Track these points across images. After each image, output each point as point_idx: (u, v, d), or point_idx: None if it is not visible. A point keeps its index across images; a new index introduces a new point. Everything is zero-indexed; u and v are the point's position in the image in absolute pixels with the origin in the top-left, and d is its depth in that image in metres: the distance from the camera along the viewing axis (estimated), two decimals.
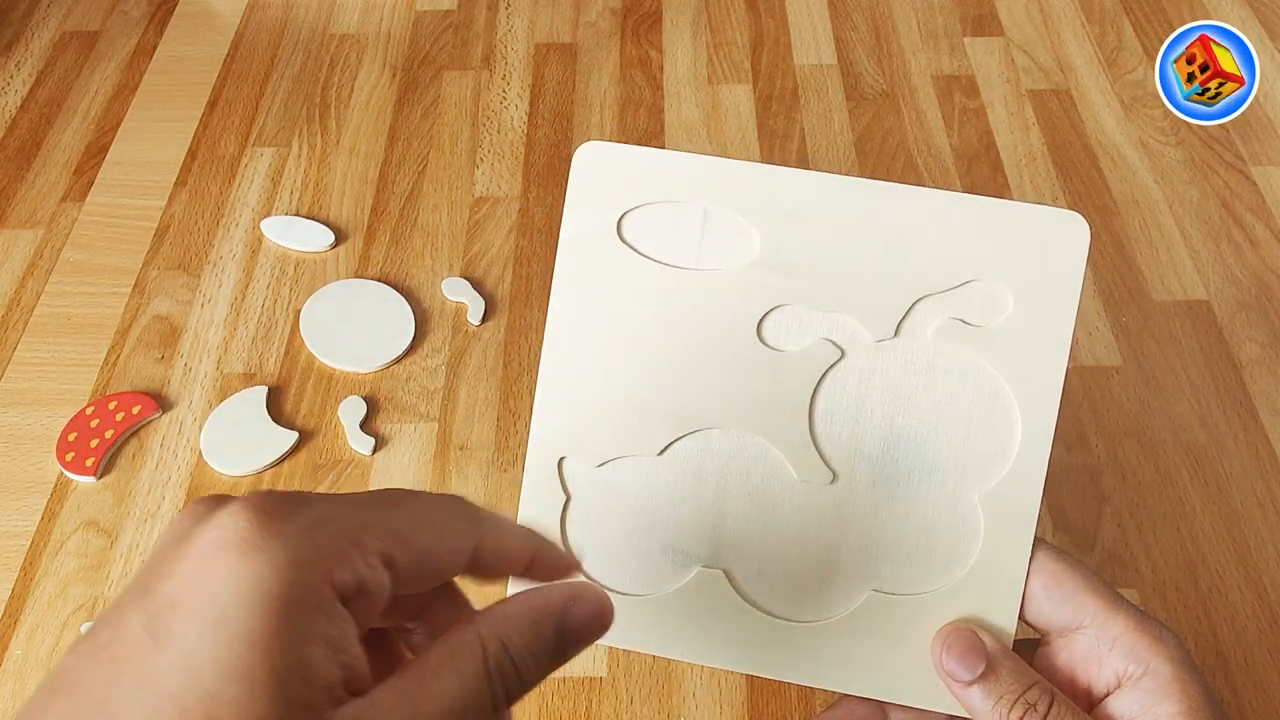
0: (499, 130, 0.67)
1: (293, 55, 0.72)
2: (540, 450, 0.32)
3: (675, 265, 0.32)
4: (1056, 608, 0.30)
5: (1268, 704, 0.43)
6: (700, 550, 0.32)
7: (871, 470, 0.31)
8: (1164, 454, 0.51)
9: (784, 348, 0.31)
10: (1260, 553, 0.47)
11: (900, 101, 0.69)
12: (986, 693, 0.28)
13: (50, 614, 0.45)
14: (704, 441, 0.32)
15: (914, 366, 0.31)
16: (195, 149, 0.66)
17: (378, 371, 0.54)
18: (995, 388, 0.31)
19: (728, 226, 0.31)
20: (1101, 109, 0.68)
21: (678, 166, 0.32)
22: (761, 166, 0.32)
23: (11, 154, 0.66)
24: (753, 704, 0.43)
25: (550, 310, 0.32)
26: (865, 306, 0.31)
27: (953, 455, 0.31)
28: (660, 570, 0.32)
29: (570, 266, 0.32)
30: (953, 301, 0.31)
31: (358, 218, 0.62)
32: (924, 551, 0.31)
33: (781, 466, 0.31)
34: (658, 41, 0.73)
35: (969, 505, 0.31)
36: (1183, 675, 0.28)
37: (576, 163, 0.32)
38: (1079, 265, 0.30)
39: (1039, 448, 0.31)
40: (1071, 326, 0.30)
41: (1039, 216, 0.30)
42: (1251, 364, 0.54)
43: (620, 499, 0.32)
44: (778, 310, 0.31)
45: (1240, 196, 0.62)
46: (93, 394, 0.53)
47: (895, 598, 0.31)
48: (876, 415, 0.31)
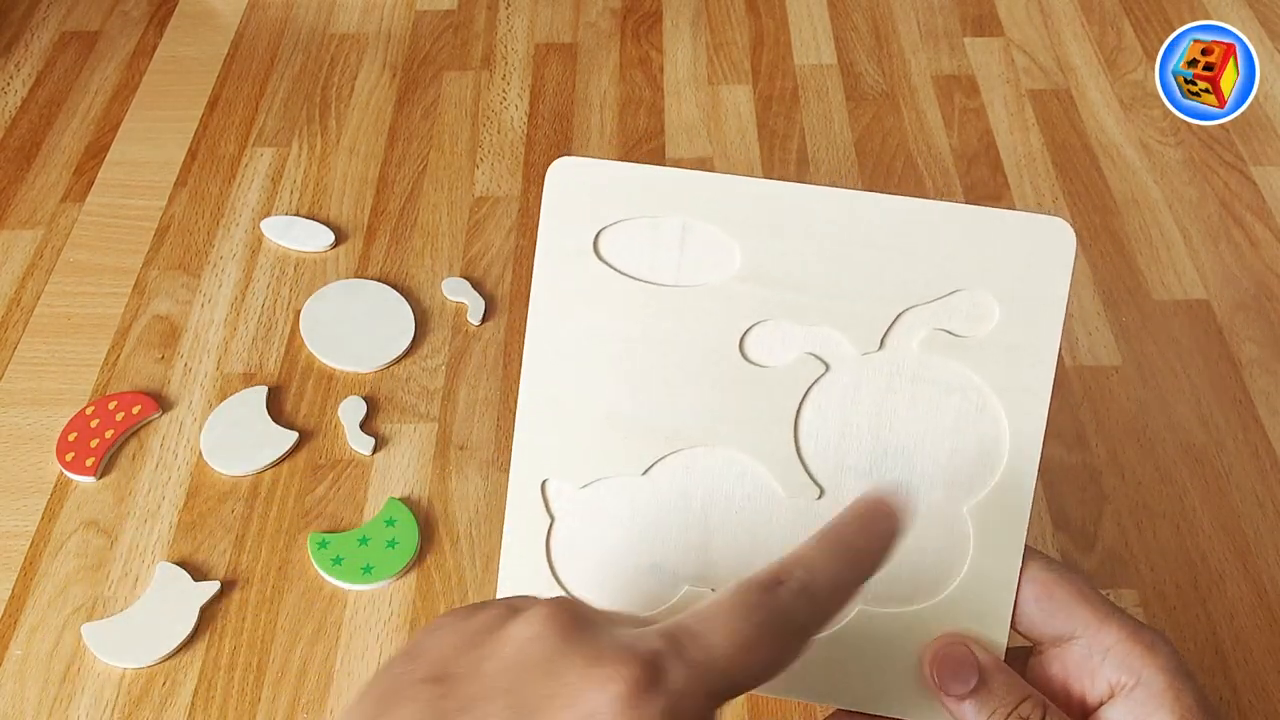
0: (499, 130, 0.67)
1: (293, 55, 0.72)
2: (522, 473, 0.32)
3: (654, 281, 0.31)
4: (1048, 618, 0.29)
5: (1266, 703, 0.43)
6: (687, 569, 0.31)
7: (859, 484, 0.31)
8: (1164, 454, 0.51)
9: (767, 363, 0.31)
10: (1260, 552, 0.47)
11: (900, 102, 0.69)
12: (979, 706, 0.28)
13: (50, 614, 0.45)
14: (689, 459, 0.31)
15: (899, 379, 0.30)
16: (195, 149, 0.66)
17: (378, 371, 0.54)
18: (982, 398, 0.30)
19: (707, 240, 0.31)
20: (1101, 109, 0.68)
21: (654, 181, 0.31)
22: (739, 179, 0.31)
23: (11, 154, 0.66)
24: (752, 704, 0.43)
25: (528, 330, 0.32)
26: (849, 319, 0.31)
27: (940, 467, 0.30)
28: (647, 590, 0.32)
29: (547, 285, 0.32)
30: (938, 312, 0.30)
31: (358, 218, 0.62)
32: (913, 565, 0.31)
33: (767, 483, 0.31)
34: (658, 41, 0.73)
35: (958, 518, 0.30)
36: (1176, 684, 0.28)
37: (550, 179, 0.31)
38: (1065, 272, 0.30)
39: (1028, 457, 0.30)
40: (1059, 334, 0.30)
41: (1024, 224, 0.30)
42: (1251, 364, 0.54)
43: (605, 520, 0.32)
44: (760, 325, 0.31)
45: (1240, 196, 0.62)
46: (93, 394, 0.53)
47: (884, 613, 0.31)
48: (863, 429, 0.31)
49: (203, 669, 0.44)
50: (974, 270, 0.30)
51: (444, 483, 0.50)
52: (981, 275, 0.30)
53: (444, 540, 0.48)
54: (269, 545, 0.48)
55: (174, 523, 0.48)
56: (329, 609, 0.46)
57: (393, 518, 0.48)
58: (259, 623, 0.45)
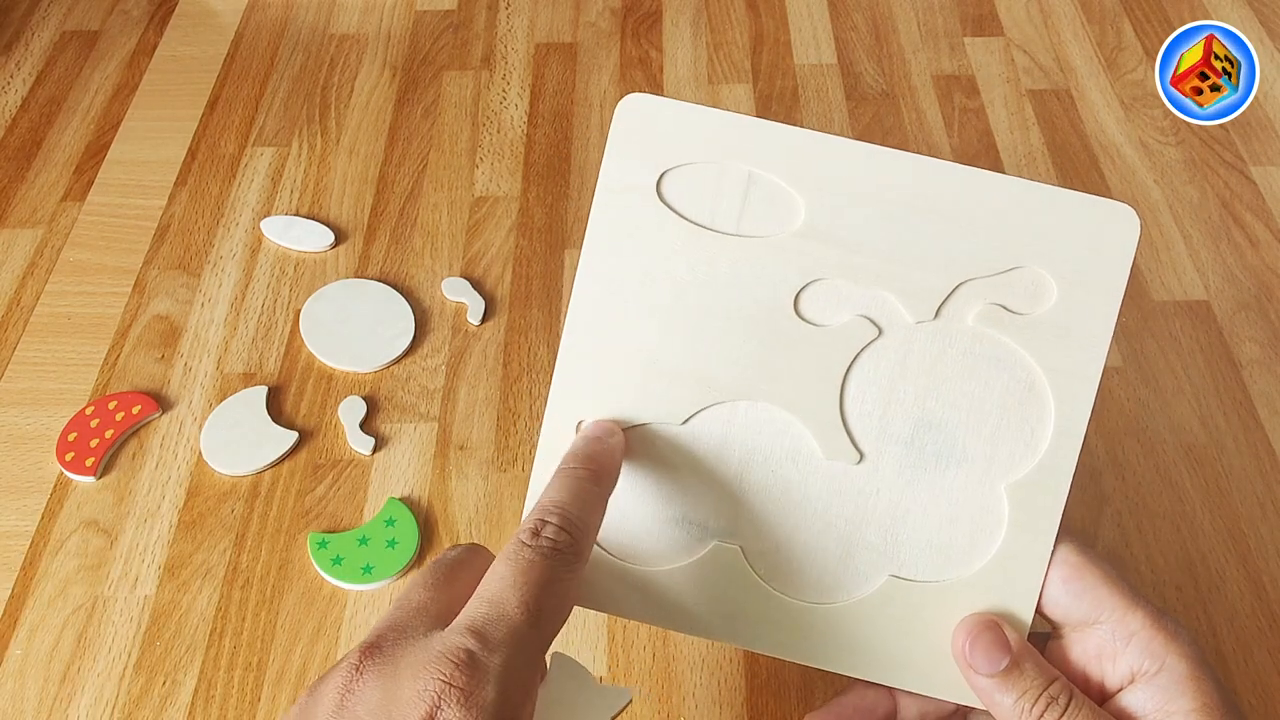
0: (499, 130, 0.67)
1: (293, 55, 0.72)
2: (558, 410, 0.31)
3: (714, 229, 0.31)
4: (1075, 601, 0.29)
5: (1267, 703, 0.43)
6: (717, 524, 0.31)
7: (899, 453, 0.30)
8: (1164, 454, 0.51)
9: (820, 322, 0.30)
10: (1260, 552, 0.47)
11: (900, 101, 0.69)
12: (1009, 687, 0.28)
13: (50, 614, 0.45)
14: (730, 412, 0.31)
15: (951, 351, 0.30)
16: (195, 149, 0.66)
17: (378, 371, 0.54)
18: (1032, 378, 0.30)
19: (772, 193, 0.30)
20: (1101, 109, 0.68)
21: (725, 126, 0.31)
22: (812, 133, 0.30)
23: (11, 154, 0.66)
24: (752, 704, 0.43)
25: (580, 265, 0.31)
26: (907, 285, 0.30)
27: (983, 444, 0.30)
28: (675, 542, 0.31)
29: (605, 221, 0.31)
30: (997, 287, 0.30)
31: (358, 218, 0.62)
32: (946, 538, 0.30)
33: (807, 444, 0.31)
34: (658, 41, 0.73)
35: (995, 495, 0.30)
36: (1198, 673, 0.28)
37: (620, 113, 0.31)
38: (1127, 259, 0.30)
39: (1071, 442, 0.30)
40: (1114, 321, 0.30)
41: (1091, 207, 0.30)
42: (1251, 364, 0.54)
43: (638, 467, 0.31)
44: (816, 283, 0.30)
45: (1240, 196, 0.62)
46: (93, 394, 0.53)
47: (913, 584, 0.30)
48: (909, 398, 0.30)
49: (203, 669, 0.44)
50: (1036, 248, 0.30)
51: (444, 483, 0.50)
52: (1043, 254, 0.30)
53: (444, 540, 0.48)
54: (269, 545, 0.48)
55: (174, 522, 0.48)
56: (329, 609, 0.46)
57: (392, 518, 0.48)
58: (259, 623, 0.45)
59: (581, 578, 0.28)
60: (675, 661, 0.44)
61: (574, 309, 0.31)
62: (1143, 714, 0.28)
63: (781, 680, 0.43)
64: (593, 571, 0.31)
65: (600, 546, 0.32)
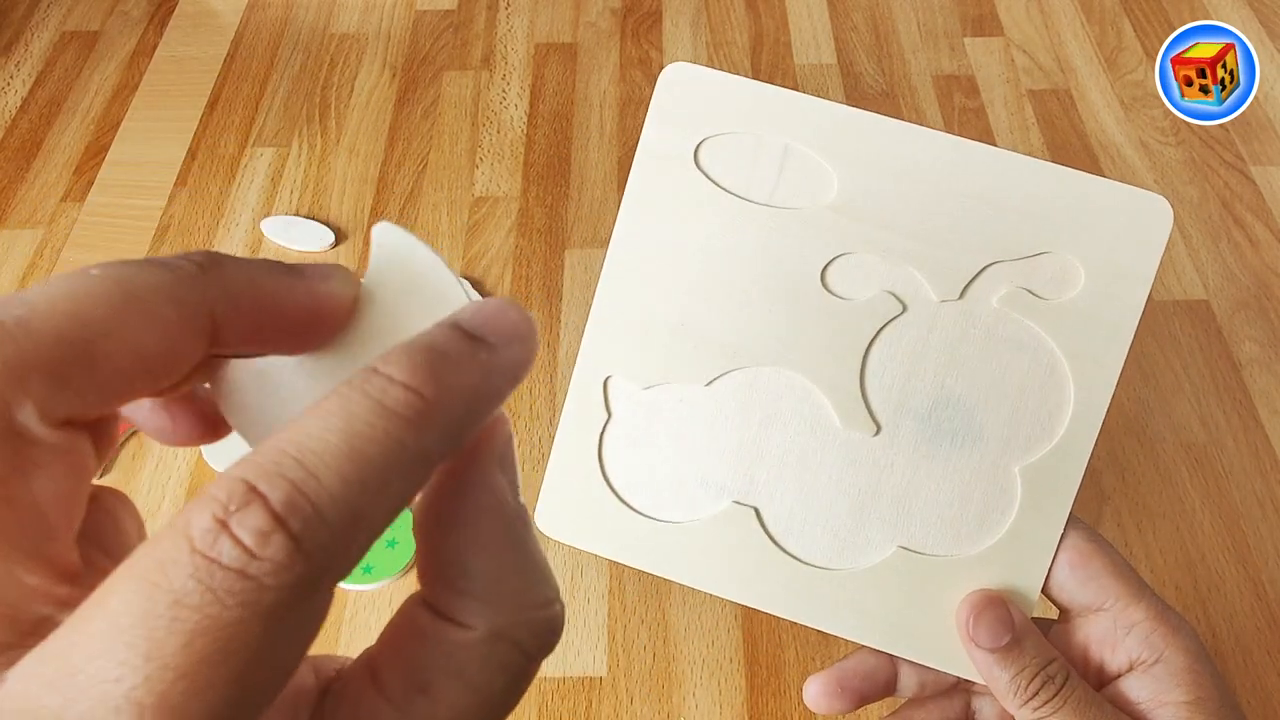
0: (499, 130, 0.67)
1: (293, 55, 0.72)
2: (588, 366, 0.32)
3: (748, 198, 0.31)
4: (1080, 587, 0.30)
5: (1266, 703, 0.43)
6: (734, 485, 0.32)
7: (916, 428, 0.31)
8: (1164, 453, 0.51)
9: (846, 295, 0.31)
10: (1259, 552, 0.47)
11: (900, 101, 0.69)
12: (1008, 663, 0.29)
13: None
14: (753, 377, 0.31)
15: (974, 331, 0.31)
16: (195, 149, 0.66)
17: None
18: (1053, 363, 0.30)
19: (807, 166, 0.31)
20: (1101, 109, 0.68)
21: (764, 98, 0.31)
22: (849, 109, 0.31)
23: (11, 154, 0.66)
24: (753, 704, 0.43)
25: (617, 225, 0.32)
26: (934, 264, 0.31)
27: (999, 424, 0.31)
28: (692, 500, 0.32)
29: (642, 184, 0.32)
30: (1024, 270, 0.30)
31: (358, 218, 0.62)
32: (957, 514, 0.31)
33: (827, 413, 0.31)
34: (658, 41, 0.73)
35: (1009, 475, 0.31)
36: (1196, 666, 0.28)
37: (663, 81, 0.31)
38: (1157, 250, 0.30)
39: (1088, 428, 0.30)
40: (1140, 311, 0.30)
41: (1123, 195, 0.30)
42: (1251, 363, 0.54)
43: (661, 424, 0.32)
44: (845, 257, 0.31)
45: (1240, 196, 0.62)
46: None
47: (921, 556, 0.31)
48: (929, 374, 0.31)
49: None
50: (1066, 234, 0.30)
51: None
52: (1073, 240, 0.30)
53: None
54: None
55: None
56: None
57: None
58: None
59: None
60: (675, 661, 0.44)
61: (607, 269, 0.32)
62: (1137, 702, 0.28)
63: (782, 680, 0.43)
64: (607, 520, 0.32)
65: (617, 495, 0.32)
